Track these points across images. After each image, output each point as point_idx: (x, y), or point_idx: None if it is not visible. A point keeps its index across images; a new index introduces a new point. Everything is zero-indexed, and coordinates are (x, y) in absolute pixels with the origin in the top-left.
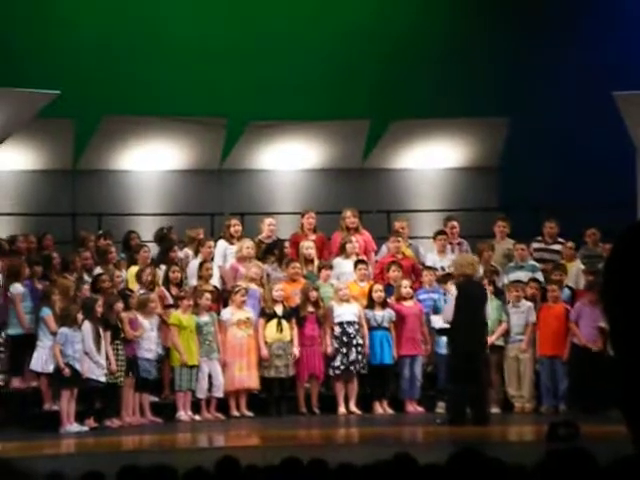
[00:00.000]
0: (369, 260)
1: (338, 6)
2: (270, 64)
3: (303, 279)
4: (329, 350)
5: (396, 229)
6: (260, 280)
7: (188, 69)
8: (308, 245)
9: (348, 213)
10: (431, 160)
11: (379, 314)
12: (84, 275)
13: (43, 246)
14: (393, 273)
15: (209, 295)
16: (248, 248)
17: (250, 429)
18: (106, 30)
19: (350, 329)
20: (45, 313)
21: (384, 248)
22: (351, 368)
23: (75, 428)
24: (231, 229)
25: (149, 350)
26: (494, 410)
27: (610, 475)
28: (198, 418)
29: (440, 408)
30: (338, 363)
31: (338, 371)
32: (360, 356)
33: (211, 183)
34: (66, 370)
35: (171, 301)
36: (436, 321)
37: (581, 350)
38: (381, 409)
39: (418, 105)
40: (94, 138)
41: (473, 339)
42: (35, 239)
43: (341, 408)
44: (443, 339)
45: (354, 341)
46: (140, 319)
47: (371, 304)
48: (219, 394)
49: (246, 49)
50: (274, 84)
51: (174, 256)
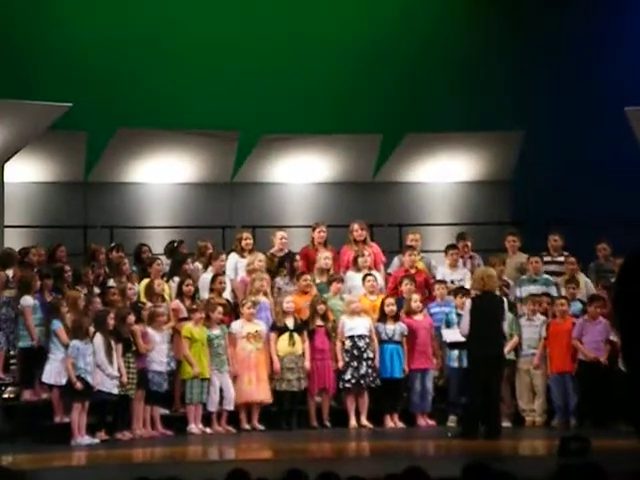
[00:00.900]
0: (379, 272)
1: (352, 20)
2: (282, 78)
3: (315, 291)
4: (340, 364)
5: (409, 243)
6: (268, 292)
7: (200, 83)
8: (326, 256)
9: (356, 226)
10: (444, 173)
11: (390, 328)
12: (95, 288)
13: (55, 258)
14: (406, 287)
15: (221, 308)
16: (260, 261)
17: (261, 442)
18: (120, 44)
19: (361, 343)
20: (56, 326)
21: (396, 261)
22: (362, 382)
23: (86, 440)
24: (242, 242)
25: (160, 363)
26: (505, 424)
27: None
28: (209, 431)
29: (451, 422)
30: (349, 377)
31: (349, 385)
32: (370, 370)
33: (223, 196)
34: (78, 384)
35: (186, 314)
36: (447, 335)
37: (588, 365)
38: (392, 423)
39: (431, 119)
40: (106, 150)
41: (487, 352)
42: (45, 251)
43: (352, 422)
44: (454, 353)
45: (365, 355)
46: (151, 332)
47: (383, 317)
48: (230, 407)
49: (258, 63)
50: (286, 97)
51: (187, 269)
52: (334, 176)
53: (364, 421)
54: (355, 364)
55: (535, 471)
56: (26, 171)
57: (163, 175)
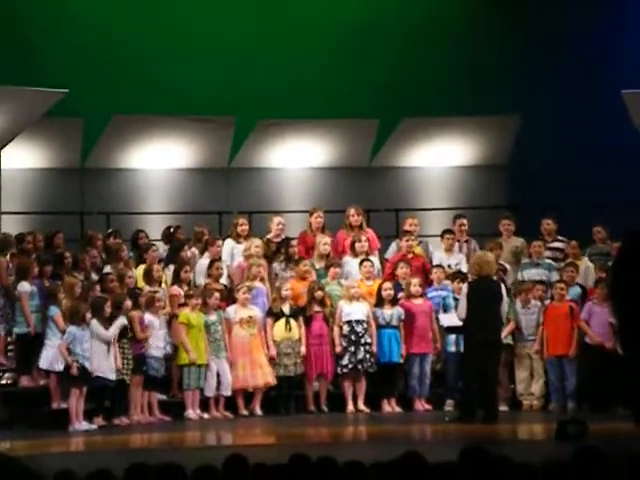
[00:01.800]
0: (374, 257)
1: (349, 5)
2: (278, 63)
3: (313, 277)
4: (338, 350)
5: (407, 228)
6: (265, 278)
7: (197, 68)
8: (325, 241)
9: (352, 211)
10: (440, 158)
11: (388, 312)
12: (92, 274)
13: (53, 244)
14: (401, 270)
15: (218, 294)
16: (257, 247)
17: (258, 427)
18: (116, 29)
19: (358, 328)
20: (53, 312)
21: (393, 246)
22: (359, 367)
23: (84, 426)
24: (238, 228)
25: (157, 348)
26: (502, 408)
27: (619, 472)
28: (206, 416)
29: (449, 406)
30: (346, 362)
31: (346, 370)
32: (368, 355)
33: (219, 181)
34: (74, 368)
35: (183, 300)
36: (444, 319)
37: (593, 349)
38: (389, 407)
39: (427, 103)
40: (103, 137)
41: (485, 336)
42: (43, 238)
43: (349, 406)
44: (451, 337)
45: (362, 340)
46: (148, 317)
47: (380, 302)
48: (227, 392)
49: (255, 48)
50: (283, 83)
51: (184, 255)
52: (331, 161)
53: (361, 406)
54: (353, 349)
55: (533, 455)
56: (22, 157)
57: (159, 161)
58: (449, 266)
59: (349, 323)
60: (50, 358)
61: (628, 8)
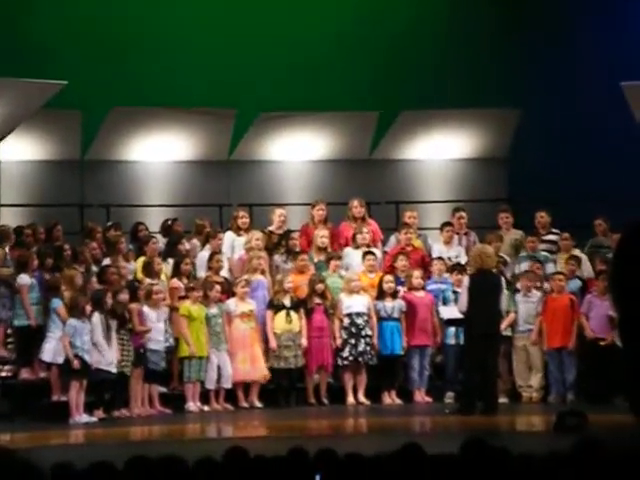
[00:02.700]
0: (377, 250)
1: None
2: (279, 55)
3: (312, 270)
4: (338, 342)
5: (406, 220)
6: (265, 270)
7: (197, 60)
8: (323, 234)
9: (355, 202)
10: (440, 151)
11: (389, 305)
12: (92, 266)
13: (53, 237)
14: (400, 263)
15: (219, 287)
16: (257, 240)
17: (259, 420)
18: (115, 21)
19: (359, 320)
20: (56, 304)
21: (393, 239)
22: (359, 359)
23: (84, 419)
24: (238, 221)
25: (157, 341)
26: (502, 400)
27: (618, 464)
28: (207, 409)
29: (449, 398)
30: (347, 354)
31: (347, 362)
32: (369, 347)
33: (220, 174)
34: (76, 362)
35: (184, 293)
36: (444, 311)
37: (591, 342)
38: (390, 399)
39: (427, 96)
40: (102, 129)
41: (485, 329)
42: (43, 230)
43: (350, 399)
44: (451, 329)
45: (363, 332)
46: (147, 310)
47: (381, 295)
48: (227, 385)
49: (255, 40)
50: (283, 75)
51: (182, 248)
52: (331, 154)
53: (362, 398)
54: (353, 341)
55: (532, 447)
56: (22, 150)
57: (160, 153)
58: (449, 259)
59: (349, 316)
60: (53, 350)
61: (628, 2)
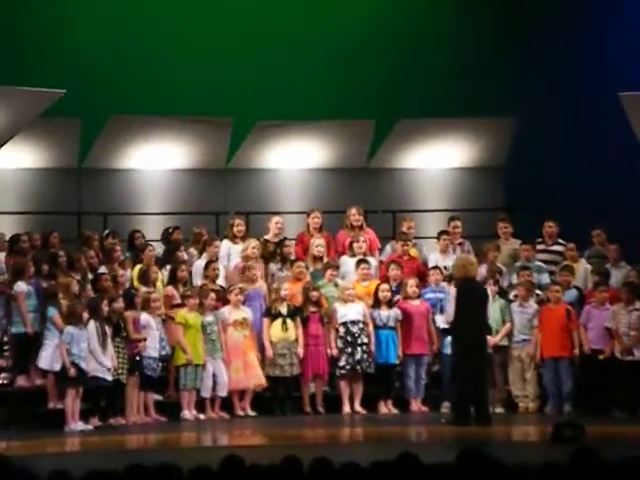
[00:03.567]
0: (373, 258)
1: (343, 6)
2: (276, 64)
3: (308, 278)
4: (334, 352)
5: (403, 230)
6: (262, 278)
7: (195, 69)
8: (319, 243)
9: (353, 211)
10: (437, 160)
11: (384, 313)
12: (89, 274)
13: (49, 244)
14: (392, 272)
15: (214, 295)
16: (254, 248)
17: (254, 428)
18: (113, 29)
19: (354, 328)
20: (52, 312)
21: (389, 248)
22: (357, 368)
23: (80, 427)
24: (234, 229)
25: (153, 349)
26: (498, 410)
27: (616, 475)
28: (202, 417)
29: (445, 408)
30: (344, 363)
31: (344, 371)
32: (366, 355)
33: (217, 182)
34: (72, 370)
35: (179, 300)
36: (441, 321)
37: (589, 353)
38: (386, 409)
39: (424, 105)
40: (100, 137)
41: (473, 339)
42: (40, 237)
43: (346, 407)
44: (448, 338)
45: (359, 340)
46: (144, 318)
47: (377, 303)
48: (223, 393)
49: (252, 49)
50: (280, 84)
51: (180, 256)
52: (328, 162)
53: (358, 407)
54: (350, 350)
55: (529, 458)
56: (20, 158)
57: (157, 161)
58: (445, 267)
59: (344, 324)
60: (49, 358)
61: (627, 8)
